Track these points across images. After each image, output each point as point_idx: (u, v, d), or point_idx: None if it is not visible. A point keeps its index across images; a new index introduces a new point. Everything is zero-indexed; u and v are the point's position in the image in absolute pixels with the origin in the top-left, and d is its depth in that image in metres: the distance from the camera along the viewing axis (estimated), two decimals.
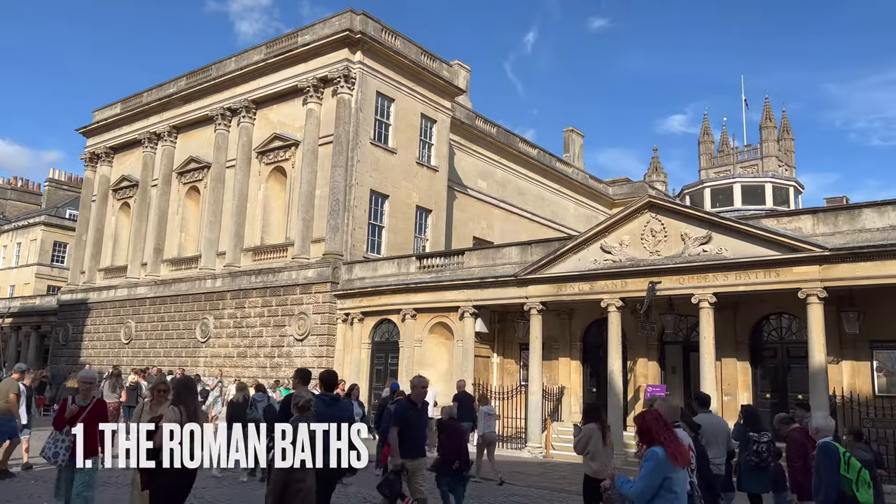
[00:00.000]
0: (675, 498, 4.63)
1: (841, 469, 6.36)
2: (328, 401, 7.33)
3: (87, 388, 7.90)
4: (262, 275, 26.26)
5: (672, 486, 4.61)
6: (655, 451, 4.60)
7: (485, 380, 21.66)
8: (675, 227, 17.21)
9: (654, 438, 4.66)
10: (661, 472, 4.56)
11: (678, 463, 4.62)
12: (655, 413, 4.87)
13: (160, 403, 7.30)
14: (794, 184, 37.04)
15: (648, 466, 4.61)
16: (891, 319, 15.56)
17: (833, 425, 7.13)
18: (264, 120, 28.42)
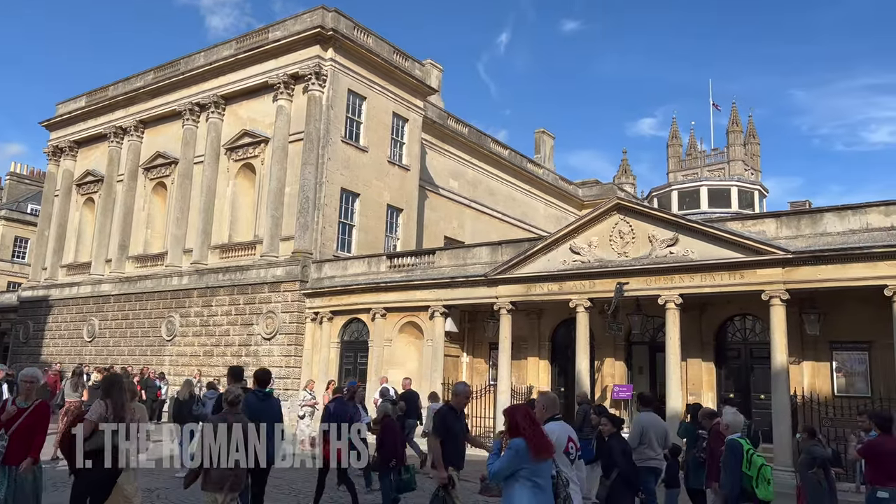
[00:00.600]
0: (536, 485, 5.01)
1: (743, 466, 6.60)
2: (261, 396, 7.70)
3: (28, 389, 7.04)
4: (229, 273, 25.95)
5: (531, 476, 5.00)
6: (517, 442, 5.02)
7: (454, 379, 21.65)
8: (642, 229, 17.43)
9: (519, 432, 5.06)
10: (519, 461, 4.97)
11: (539, 455, 5.00)
12: (524, 410, 5.25)
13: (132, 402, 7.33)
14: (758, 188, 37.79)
15: (509, 454, 5.05)
16: (850, 321, 15.96)
17: (741, 421, 7.43)
18: (233, 116, 28.09)
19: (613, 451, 7.41)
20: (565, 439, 5.62)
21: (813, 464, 8.62)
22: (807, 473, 8.71)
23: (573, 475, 5.66)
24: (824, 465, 8.55)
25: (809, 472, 8.64)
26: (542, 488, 5.07)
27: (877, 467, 7.47)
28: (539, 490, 5.04)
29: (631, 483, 7.25)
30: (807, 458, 8.77)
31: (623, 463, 7.24)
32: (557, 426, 5.68)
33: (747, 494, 6.62)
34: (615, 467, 7.22)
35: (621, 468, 7.17)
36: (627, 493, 7.13)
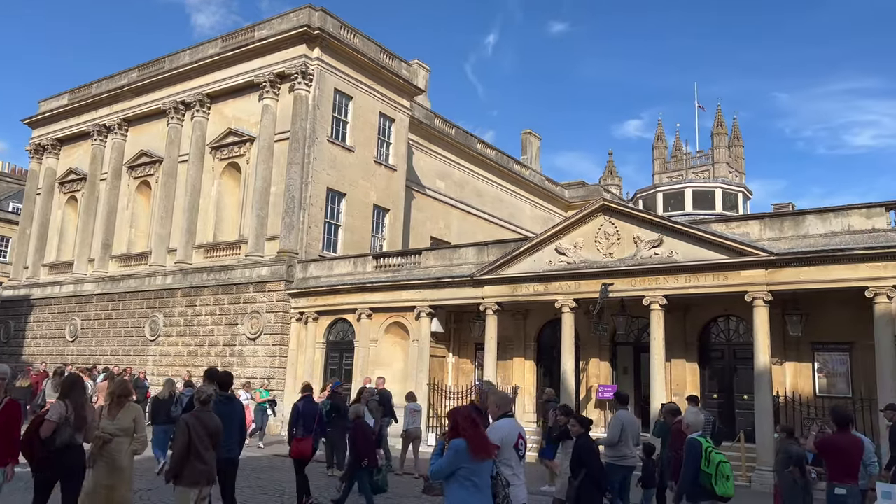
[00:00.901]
0: (474, 485, 5.18)
1: (702, 464, 6.72)
2: (223, 400, 8.10)
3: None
4: (214, 272, 25.79)
5: (470, 475, 5.16)
6: (457, 443, 5.21)
7: (440, 379, 21.69)
8: (627, 231, 17.51)
9: (459, 433, 5.24)
10: (459, 461, 5.13)
11: (478, 456, 5.17)
12: (465, 411, 5.45)
13: (120, 407, 7.11)
14: (742, 189, 38.09)
15: (449, 454, 5.21)
16: (831, 322, 16.13)
17: (702, 420, 7.54)
18: (219, 115, 27.91)
19: (582, 451, 7.46)
20: (515, 436, 5.79)
21: (789, 462, 8.72)
22: (783, 472, 8.82)
23: (520, 471, 5.83)
24: (800, 463, 8.65)
25: (786, 470, 8.74)
26: (481, 488, 5.22)
27: (834, 464, 7.60)
28: (477, 490, 5.19)
29: (599, 483, 7.33)
30: (783, 456, 8.88)
31: (591, 463, 7.31)
32: (507, 423, 5.85)
33: (707, 492, 6.74)
34: (583, 467, 7.29)
35: (589, 468, 7.23)
36: (596, 493, 7.21)
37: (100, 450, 6.85)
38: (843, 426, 7.72)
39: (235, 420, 8.11)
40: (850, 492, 7.43)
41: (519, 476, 5.77)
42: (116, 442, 6.93)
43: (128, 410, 7.11)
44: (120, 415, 7.06)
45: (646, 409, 18.34)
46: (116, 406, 7.11)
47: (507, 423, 5.84)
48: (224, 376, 8.64)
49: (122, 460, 6.98)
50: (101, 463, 6.87)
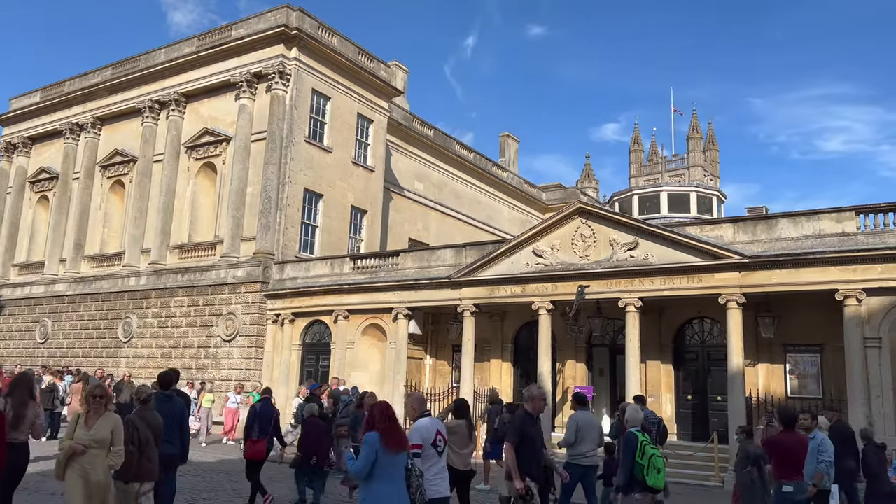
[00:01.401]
0: (388, 476, 5.45)
1: (636, 456, 7.14)
2: (163, 398, 8.20)
3: None
4: (189, 273, 25.51)
5: (386, 467, 5.44)
6: (371, 436, 5.49)
7: (417, 381, 21.67)
8: (604, 233, 17.65)
9: (374, 426, 5.53)
10: (374, 453, 5.41)
11: (391, 448, 5.45)
12: (382, 406, 5.75)
13: (98, 415, 6.58)
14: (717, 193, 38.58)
15: (365, 449, 5.45)
16: (803, 324, 16.39)
17: (640, 417, 8.10)
18: (194, 114, 27.63)
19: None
20: (433, 433, 6.20)
21: (747, 462, 8.92)
22: (742, 472, 9.03)
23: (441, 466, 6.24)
24: (758, 462, 8.83)
25: (744, 470, 8.94)
26: (395, 480, 5.49)
27: (780, 462, 7.81)
28: (392, 481, 5.46)
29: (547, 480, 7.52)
30: (741, 456, 9.09)
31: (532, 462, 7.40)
32: (427, 421, 6.30)
33: (639, 483, 7.11)
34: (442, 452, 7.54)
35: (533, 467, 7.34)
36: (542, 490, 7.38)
37: (68, 460, 6.33)
38: (789, 425, 7.94)
39: (175, 418, 8.13)
40: (797, 489, 7.64)
41: (438, 471, 6.15)
42: (91, 454, 6.36)
43: (106, 419, 6.55)
44: (97, 424, 6.47)
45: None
46: (94, 414, 6.53)
47: (426, 422, 6.27)
48: (163, 375, 8.69)
49: (97, 474, 6.40)
50: (73, 476, 6.34)
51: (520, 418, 7.20)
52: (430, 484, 5.98)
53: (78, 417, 6.59)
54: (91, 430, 6.45)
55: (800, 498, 7.67)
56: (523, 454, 6.96)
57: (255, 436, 10.35)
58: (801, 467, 7.78)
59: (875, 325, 14.46)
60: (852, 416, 14.28)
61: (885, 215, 14.82)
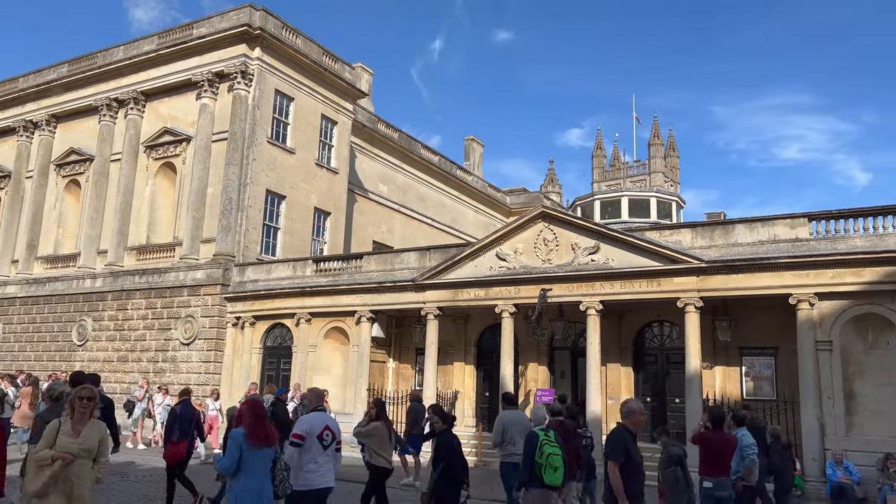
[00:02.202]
0: (253, 470, 5.75)
1: (535, 455, 7.37)
2: None
3: None
4: (146, 275, 24.99)
5: (250, 461, 5.74)
6: (237, 432, 5.81)
7: (380, 385, 21.56)
8: (566, 237, 17.81)
9: (241, 422, 5.86)
10: (239, 448, 5.70)
11: (256, 442, 5.77)
12: (250, 404, 6.06)
13: (83, 422, 5.79)
14: (676, 199, 39.30)
15: (231, 445, 5.74)
16: (758, 328, 16.76)
17: (543, 415, 8.51)
18: (154, 113, 27.12)
19: (441, 445, 7.80)
20: (320, 428, 6.57)
21: (671, 462, 9.18)
22: (666, 471, 9.28)
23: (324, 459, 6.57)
24: (681, 462, 9.14)
25: (668, 469, 9.20)
26: (260, 474, 5.81)
27: (705, 459, 8.19)
28: (256, 476, 5.77)
29: (455, 476, 7.67)
30: (665, 457, 9.35)
31: (448, 457, 7.64)
32: (316, 416, 6.71)
33: (538, 480, 7.36)
34: (441, 461, 7.64)
35: (447, 462, 7.58)
36: (451, 485, 7.56)
37: (56, 475, 5.53)
38: (718, 425, 8.32)
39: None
40: (717, 485, 8.00)
41: (321, 463, 6.49)
42: (78, 465, 5.63)
43: (93, 427, 5.85)
44: (85, 431, 5.73)
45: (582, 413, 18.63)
46: (80, 419, 5.76)
47: (314, 416, 6.66)
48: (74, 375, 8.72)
49: (82, 488, 5.67)
50: (55, 492, 5.54)
51: (622, 436, 6.66)
52: (315, 475, 6.38)
53: (59, 424, 5.78)
54: (79, 437, 5.70)
55: (720, 494, 7.98)
56: (627, 474, 6.53)
57: (176, 437, 10.33)
58: (725, 465, 8.12)
59: (826, 328, 14.87)
60: (804, 417, 14.68)
61: (836, 222, 15.26)
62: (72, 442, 5.66)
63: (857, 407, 14.56)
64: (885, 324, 14.49)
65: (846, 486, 13.37)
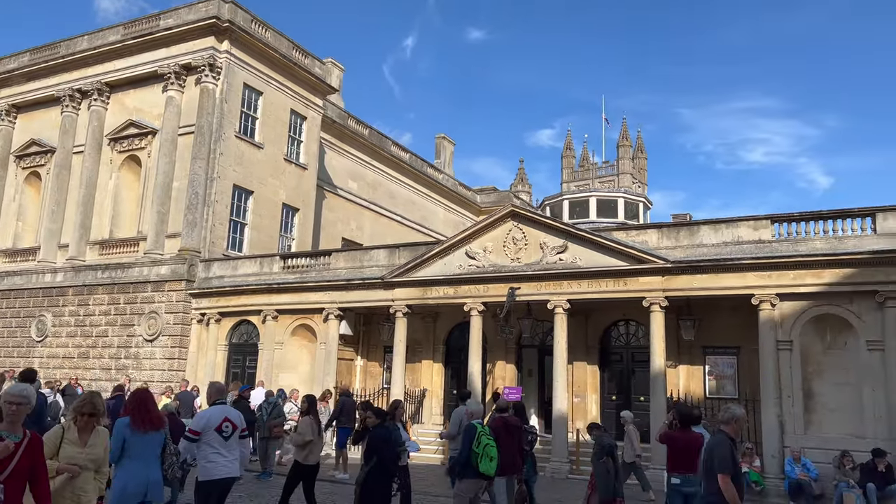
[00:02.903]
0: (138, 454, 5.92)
1: (473, 445, 7.96)
2: None
3: (14, 413, 4.67)
4: (109, 270, 24.49)
5: (135, 446, 5.91)
6: (121, 420, 6.02)
7: (347, 382, 21.44)
8: (535, 236, 17.91)
9: (127, 412, 6.13)
10: (123, 435, 5.86)
11: (139, 427, 5.93)
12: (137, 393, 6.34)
13: (89, 431, 5.37)
14: (643, 200, 39.74)
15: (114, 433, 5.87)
16: (721, 328, 17.06)
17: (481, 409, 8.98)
18: (119, 105, 26.58)
19: (373, 440, 8.06)
20: (219, 420, 6.83)
21: (602, 453, 9.66)
22: (597, 462, 9.75)
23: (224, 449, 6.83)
24: (611, 452, 9.67)
25: (600, 460, 9.67)
26: (146, 457, 5.98)
27: (672, 456, 8.43)
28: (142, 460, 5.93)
29: (388, 469, 7.95)
30: (597, 448, 9.83)
31: (381, 451, 7.90)
32: (215, 409, 6.99)
33: (473, 469, 7.96)
34: (375, 454, 7.88)
35: (379, 456, 7.84)
36: (383, 478, 7.86)
37: (60, 489, 5.07)
38: (685, 423, 8.54)
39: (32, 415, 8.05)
40: (685, 481, 8.24)
41: (223, 453, 6.77)
42: (83, 478, 5.23)
43: (99, 436, 5.45)
44: (91, 440, 5.34)
45: (548, 411, 18.80)
46: (86, 428, 5.33)
47: (214, 410, 6.98)
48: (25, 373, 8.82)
49: (88, 501, 5.28)
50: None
51: (728, 445, 6.20)
52: (216, 466, 6.70)
53: (62, 431, 5.31)
54: (87, 446, 5.28)
55: (687, 490, 8.17)
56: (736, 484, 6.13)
57: None
58: (692, 462, 8.28)
59: (787, 328, 15.18)
60: (765, 415, 14.98)
61: (798, 224, 15.58)
62: (79, 452, 5.22)
63: (816, 405, 14.90)
64: (843, 324, 14.85)
65: (804, 483, 13.69)
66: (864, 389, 14.34)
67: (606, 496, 9.61)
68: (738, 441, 6.49)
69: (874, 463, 13.13)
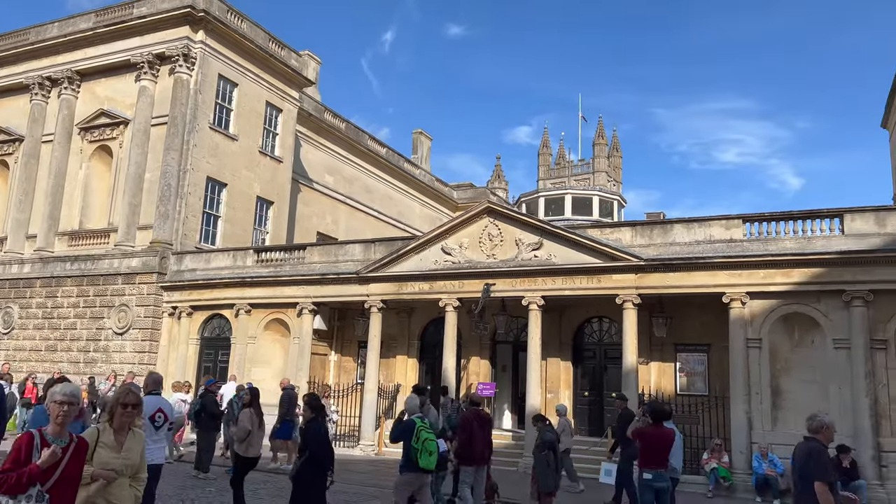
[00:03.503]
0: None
1: (412, 440, 8.13)
2: None
3: (63, 415, 4.29)
4: (79, 261, 24.07)
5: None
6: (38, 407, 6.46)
7: (321, 377, 21.35)
8: (510, 233, 17.97)
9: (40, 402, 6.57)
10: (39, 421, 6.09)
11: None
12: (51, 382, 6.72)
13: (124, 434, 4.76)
14: (618, 198, 40.10)
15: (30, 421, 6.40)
16: (692, 325, 17.28)
17: (416, 405, 9.17)
18: (90, 94, 26.10)
19: (308, 434, 8.19)
20: (153, 410, 7.21)
21: (544, 447, 9.91)
22: (538, 455, 10.00)
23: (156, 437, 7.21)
24: (552, 446, 9.94)
25: (541, 454, 9.93)
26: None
27: (644, 452, 8.60)
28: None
29: (321, 463, 8.02)
30: (539, 442, 10.09)
31: (315, 445, 8.00)
32: (150, 399, 7.28)
33: (413, 464, 8.12)
34: (307, 448, 8.01)
35: (312, 450, 7.94)
36: (317, 471, 7.97)
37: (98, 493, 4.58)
38: (658, 420, 8.68)
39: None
40: (656, 477, 8.39)
41: (153, 442, 7.04)
42: (118, 484, 4.70)
43: (135, 440, 4.91)
44: (128, 444, 4.82)
45: (522, 407, 18.90)
46: (122, 429, 4.77)
47: (149, 399, 7.20)
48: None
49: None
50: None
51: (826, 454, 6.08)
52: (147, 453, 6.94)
53: (98, 433, 4.75)
54: (123, 450, 4.76)
55: (659, 485, 8.38)
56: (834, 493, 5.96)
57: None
58: (663, 458, 8.48)
59: (757, 326, 15.43)
60: (734, 411, 15.21)
61: (769, 224, 15.84)
62: (114, 457, 4.70)
63: (783, 402, 15.17)
64: (810, 323, 15.14)
65: (771, 478, 13.96)
66: (830, 387, 14.63)
67: (546, 488, 9.90)
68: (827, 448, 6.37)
69: (839, 459, 13.42)
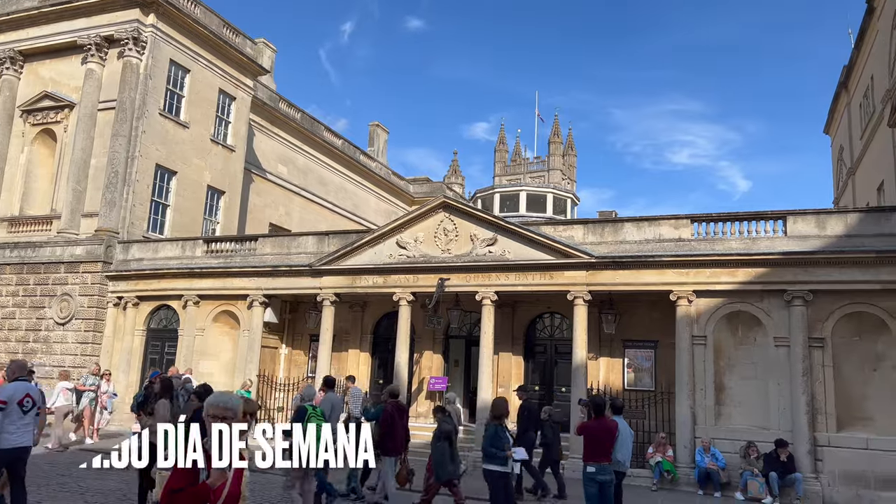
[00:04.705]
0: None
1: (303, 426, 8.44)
2: None
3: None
4: (18, 249, 23.19)
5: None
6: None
7: (271, 371, 21.08)
8: (465, 228, 18.02)
9: None
10: None
11: None
12: None
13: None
14: (571, 196, 40.66)
15: None
16: (640, 322, 17.64)
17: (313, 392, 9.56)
18: (34, 75, 25.12)
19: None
20: (21, 395, 7.70)
21: (441, 437, 10.18)
22: (436, 445, 10.24)
23: (22, 423, 7.64)
24: (449, 437, 10.24)
25: (438, 444, 10.18)
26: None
27: (587, 445, 8.79)
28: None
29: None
30: (436, 431, 10.37)
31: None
32: (19, 385, 7.81)
33: None
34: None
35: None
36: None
37: None
38: (599, 413, 8.90)
39: None
40: (599, 470, 8.57)
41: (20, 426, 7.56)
42: None
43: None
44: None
45: (473, 401, 19.00)
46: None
47: (17, 385, 7.81)
48: None
49: None
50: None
51: None
52: (13, 436, 7.50)
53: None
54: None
55: (602, 478, 8.54)
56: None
57: None
58: (607, 451, 8.67)
59: (702, 324, 15.84)
60: (679, 407, 15.59)
61: (716, 224, 16.24)
62: None
63: (726, 398, 15.62)
64: (753, 321, 15.60)
65: (712, 472, 14.40)
66: (770, 383, 15.13)
67: (443, 478, 10.05)
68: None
69: (777, 453, 13.94)
